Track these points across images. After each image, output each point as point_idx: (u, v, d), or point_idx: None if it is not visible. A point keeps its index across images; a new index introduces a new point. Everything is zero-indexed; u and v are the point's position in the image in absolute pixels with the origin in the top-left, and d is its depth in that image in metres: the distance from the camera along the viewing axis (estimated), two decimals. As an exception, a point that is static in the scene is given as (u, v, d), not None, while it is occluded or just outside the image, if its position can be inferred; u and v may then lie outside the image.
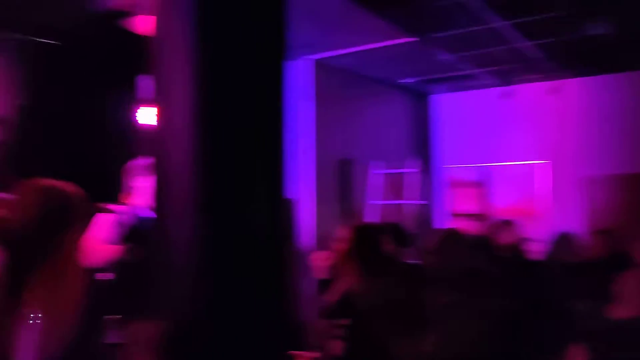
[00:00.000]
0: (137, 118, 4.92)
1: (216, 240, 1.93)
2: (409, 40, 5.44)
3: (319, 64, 6.08)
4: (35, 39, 4.93)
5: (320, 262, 3.26)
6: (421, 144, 7.87)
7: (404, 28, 5.19)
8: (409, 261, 3.66)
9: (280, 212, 2.13)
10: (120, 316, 2.97)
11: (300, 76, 5.94)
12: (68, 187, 1.75)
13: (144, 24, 4.34)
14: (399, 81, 7.33)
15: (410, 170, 6.74)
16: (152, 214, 2.15)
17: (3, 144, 4.66)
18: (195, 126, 1.94)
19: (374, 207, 6.53)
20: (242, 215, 1.99)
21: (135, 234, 3.10)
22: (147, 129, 4.61)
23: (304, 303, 3.74)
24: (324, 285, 3.08)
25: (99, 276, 2.83)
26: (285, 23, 2.17)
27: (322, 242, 3.51)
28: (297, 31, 2.28)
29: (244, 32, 2.01)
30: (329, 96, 6.18)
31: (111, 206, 3.23)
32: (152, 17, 2.16)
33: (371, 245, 2.80)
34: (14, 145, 4.75)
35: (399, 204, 6.68)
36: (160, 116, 2.09)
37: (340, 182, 6.29)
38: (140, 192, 3.25)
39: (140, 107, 4.88)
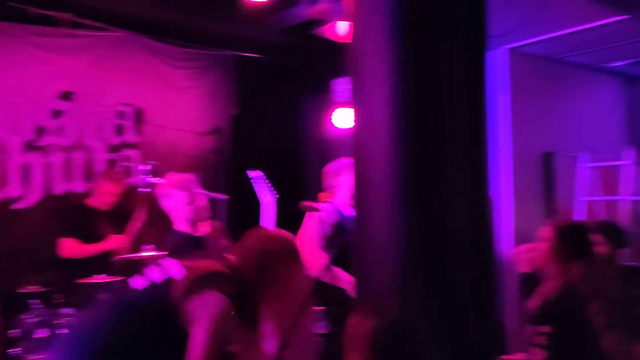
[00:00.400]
0: (333, 120, 5.15)
1: (418, 239, 1.94)
2: (618, 19, 4.92)
3: (514, 52, 5.77)
4: (242, 54, 5.45)
5: (522, 255, 3.12)
6: (638, 133, 7.07)
7: (613, 6, 4.70)
8: (625, 263, 3.35)
9: (483, 210, 2.07)
10: (325, 308, 3.15)
11: (494, 67, 5.70)
12: (283, 233, 2.13)
13: (338, 30, 4.53)
14: (608, 65, 6.66)
15: (626, 162, 6.08)
16: (353, 212, 2.23)
17: (219, 151, 5.23)
18: (393, 125, 1.97)
19: (583, 204, 6.02)
20: (443, 214, 1.97)
21: (338, 231, 3.26)
22: (344, 130, 4.81)
23: (505, 306, 3.59)
24: (526, 283, 2.95)
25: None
26: (485, 14, 2.10)
27: (523, 243, 3.36)
28: (491, 20, 2.19)
29: (442, 28, 1.98)
30: (525, 86, 5.83)
31: (316, 205, 3.44)
32: (348, 22, 2.25)
33: (579, 245, 2.59)
34: (228, 152, 5.31)
35: (612, 200, 6.08)
36: (358, 117, 2.16)
37: (542, 177, 5.91)
38: (341, 190, 3.40)
39: (336, 110, 5.10)
